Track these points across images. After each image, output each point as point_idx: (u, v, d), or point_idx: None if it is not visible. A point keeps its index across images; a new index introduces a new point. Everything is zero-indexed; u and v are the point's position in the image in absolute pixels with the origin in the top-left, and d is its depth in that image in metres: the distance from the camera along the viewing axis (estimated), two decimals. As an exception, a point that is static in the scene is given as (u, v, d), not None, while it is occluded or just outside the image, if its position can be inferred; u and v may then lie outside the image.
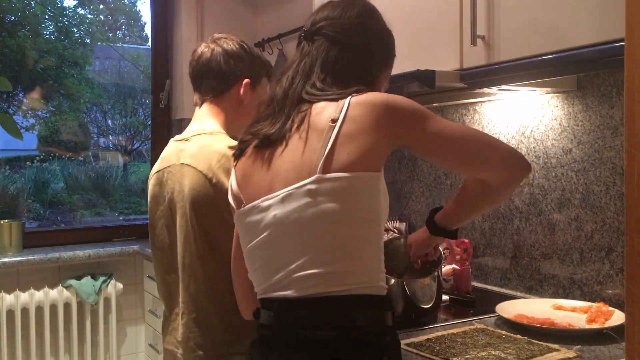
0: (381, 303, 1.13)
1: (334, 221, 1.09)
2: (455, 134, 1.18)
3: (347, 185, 1.08)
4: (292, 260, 1.10)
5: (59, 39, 3.99)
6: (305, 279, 1.09)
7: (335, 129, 1.11)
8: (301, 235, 1.10)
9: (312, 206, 1.09)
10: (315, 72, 1.21)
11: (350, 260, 1.09)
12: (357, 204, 1.10)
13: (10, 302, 2.70)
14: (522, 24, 1.52)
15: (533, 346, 1.40)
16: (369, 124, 1.11)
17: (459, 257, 1.96)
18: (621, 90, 1.66)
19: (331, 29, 1.23)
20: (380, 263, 1.15)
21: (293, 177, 1.12)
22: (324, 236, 1.09)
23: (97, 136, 4.43)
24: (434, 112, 1.19)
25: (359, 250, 1.11)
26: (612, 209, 1.69)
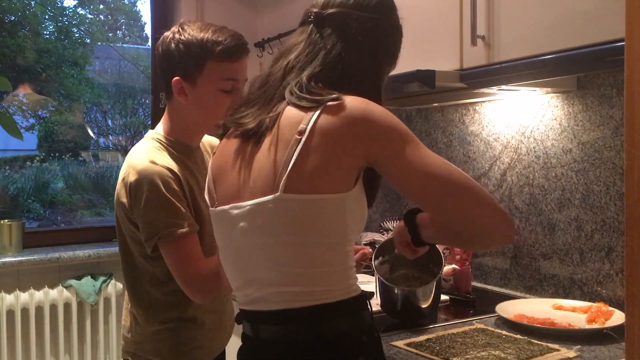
0: (354, 305, 1.10)
1: (295, 245, 1.05)
2: (438, 171, 1.03)
3: (308, 208, 1.04)
4: (261, 277, 1.09)
5: (59, 39, 3.99)
6: (274, 295, 1.08)
7: (300, 143, 1.03)
8: (266, 255, 1.07)
9: (273, 227, 1.06)
10: (312, 66, 1.11)
11: (315, 281, 1.06)
12: (317, 229, 1.05)
13: (10, 302, 2.70)
14: (522, 24, 1.52)
15: (533, 346, 1.40)
16: (338, 137, 1.03)
17: (459, 257, 1.96)
18: (621, 90, 1.66)
19: (343, 20, 1.14)
20: (348, 274, 1.10)
21: (259, 187, 1.08)
22: (287, 259, 1.06)
23: (97, 136, 4.43)
24: (435, 112, 1.18)
25: (324, 272, 1.07)
26: (612, 209, 1.69)
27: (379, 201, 2.60)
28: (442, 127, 2.27)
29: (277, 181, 1.04)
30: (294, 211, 1.04)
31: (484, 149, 2.10)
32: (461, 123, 2.19)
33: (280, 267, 1.07)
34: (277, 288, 1.07)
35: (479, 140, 2.12)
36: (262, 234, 1.07)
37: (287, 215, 1.04)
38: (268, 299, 1.09)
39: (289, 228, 1.05)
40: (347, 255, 1.09)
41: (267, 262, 1.08)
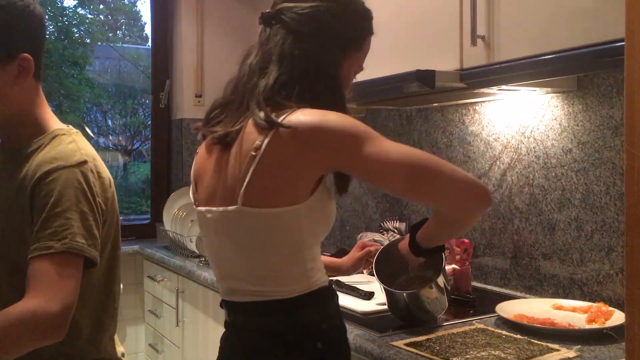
0: (316, 298, 1.19)
1: (257, 251, 1.16)
2: (400, 157, 1.08)
3: (264, 222, 1.12)
4: (234, 273, 1.21)
5: (59, 39, 3.99)
6: (244, 290, 1.20)
7: (255, 160, 1.10)
8: (236, 255, 1.19)
9: (237, 235, 1.16)
10: (271, 70, 1.15)
11: (278, 282, 1.17)
12: (274, 239, 1.14)
13: (10, 302, 2.69)
14: (522, 24, 1.52)
15: (533, 346, 1.40)
16: (289, 155, 1.09)
17: (459, 257, 1.96)
18: (621, 90, 1.66)
19: (289, 16, 1.18)
20: (309, 274, 1.18)
21: (225, 195, 1.17)
22: (252, 262, 1.17)
23: (97, 136, 4.43)
24: (435, 112, 1.18)
25: (285, 274, 1.17)
26: (612, 209, 1.69)
27: (379, 201, 2.60)
28: (442, 127, 2.27)
29: (237, 193, 1.13)
30: (251, 223, 1.13)
31: (484, 149, 2.10)
32: (461, 123, 2.19)
33: (248, 269, 1.19)
34: (247, 285, 1.19)
35: (479, 140, 2.12)
36: (230, 238, 1.18)
37: (246, 226, 1.14)
38: (241, 292, 1.20)
39: (248, 238, 1.15)
40: (307, 259, 1.18)
41: (237, 261, 1.19)
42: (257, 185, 1.11)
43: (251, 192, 1.11)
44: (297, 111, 1.10)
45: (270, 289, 1.17)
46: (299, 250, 1.16)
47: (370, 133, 1.10)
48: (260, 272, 1.17)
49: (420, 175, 1.09)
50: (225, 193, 1.16)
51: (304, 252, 1.17)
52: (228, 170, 1.16)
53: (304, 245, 1.16)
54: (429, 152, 1.17)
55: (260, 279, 1.18)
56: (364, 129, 1.10)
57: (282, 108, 1.11)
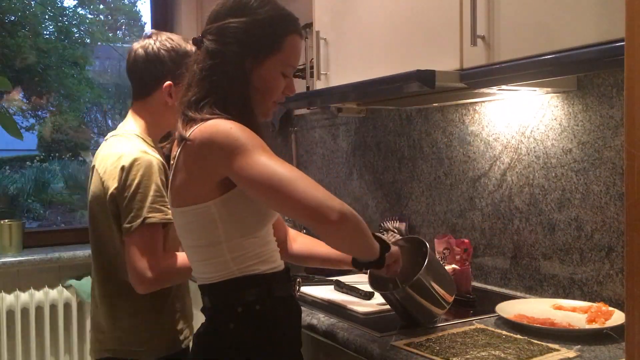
0: (237, 284, 1.31)
1: (193, 246, 1.34)
2: (260, 173, 1.19)
3: (184, 218, 1.31)
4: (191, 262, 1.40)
5: (59, 39, 3.99)
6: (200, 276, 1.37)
7: (173, 165, 1.32)
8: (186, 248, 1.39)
9: (179, 233, 1.38)
10: (191, 88, 1.32)
11: (205, 269, 1.33)
12: (196, 234, 1.31)
13: (10, 302, 2.70)
14: (522, 24, 1.52)
15: (533, 346, 1.40)
16: (189, 163, 1.27)
17: (459, 257, 1.96)
18: (621, 90, 1.66)
19: (207, 37, 1.33)
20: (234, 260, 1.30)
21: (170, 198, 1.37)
22: (194, 254, 1.36)
23: (97, 136, 4.43)
24: (435, 112, 1.18)
25: (208, 263, 1.32)
26: (612, 209, 1.69)
27: (379, 201, 2.60)
28: (442, 127, 2.27)
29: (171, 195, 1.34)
30: (179, 221, 1.34)
31: (484, 149, 2.10)
32: (461, 123, 2.19)
33: (190, 258, 1.38)
34: (195, 272, 1.38)
35: (479, 140, 2.12)
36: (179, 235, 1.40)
37: (179, 224, 1.35)
38: (198, 277, 1.38)
39: (183, 234, 1.35)
40: (226, 250, 1.29)
41: (189, 253, 1.39)
42: (175, 187, 1.31)
43: (173, 194, 1.32)
44: (200, 125, 1.25)
45: (203, 275, 1.34)
46: (217, 242, 1.29)
47: (249, 146, 1.21)
48: (195, 259, 1.35)
49: (273, 192, 1.19)
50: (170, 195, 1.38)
51: (222, 244, 1.29)
52: None
53: (222, 237, 1.28)
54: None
55: (197, 266, 1.35)
56: (245, 142, 1.21)
57: (192, 122, 1.27)
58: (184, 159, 1.28)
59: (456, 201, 2.21)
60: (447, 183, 2.26)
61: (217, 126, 1.24)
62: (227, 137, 1.22)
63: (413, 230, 2.41)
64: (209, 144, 1.23)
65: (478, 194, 2.12)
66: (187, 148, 1.26)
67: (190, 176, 1.27)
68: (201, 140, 1.24)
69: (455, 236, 2.10)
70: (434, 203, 2.31)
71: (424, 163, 2.37)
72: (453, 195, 2.23)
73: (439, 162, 2.29)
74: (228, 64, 1.30)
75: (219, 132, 1.23)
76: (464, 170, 2.18)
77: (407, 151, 2.44)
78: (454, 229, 2.22)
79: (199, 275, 1.37)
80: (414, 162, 2.41)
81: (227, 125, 1.24)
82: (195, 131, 1.25)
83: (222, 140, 1.22)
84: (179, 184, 1.30)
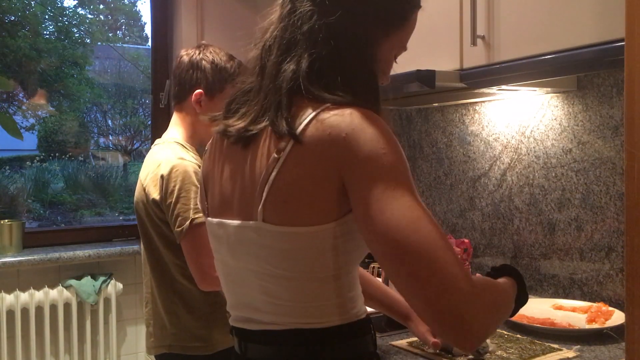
0: (352, 331, 0.98)
1: (281, 277, 0.94)
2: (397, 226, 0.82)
3: (289, 242, 0.91)
4: (250, 302, 1.00)
5: (59, 39, 3.99)
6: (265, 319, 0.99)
7: (278, 163, 0.90)
8: (254, 281, 0.98)
9: (257, 256, 0.95)
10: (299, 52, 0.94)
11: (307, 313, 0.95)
12: (302, 263, 0.93)
13: (10, 302, 2.70)
14: (522, 24, 1.52)
15: (535, 345, 1.40)
16: (317, 159, 0.88)
17: (459, 257, 1.96)
18: (621, 90, 1.66)
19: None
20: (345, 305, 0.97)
21: (243, 206, 0.96)
22: (274, 289, 0.95)
23: (97, 136, 4.43)
24: (435, 112, 1.17)
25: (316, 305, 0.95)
26: (612, 209, 1.69)
27: (379, 201, 2.60)
28: (442, 127, 2.27)
29: (256, 206, 0.92)
30: (274, 243, 0.92)
31: (484, 149, 2.10)
32: (461, 123, 2.19)
33: (269, 297, 0.96)
34: (268, 316, 0.97)
35: (479, 140, 2.12)
36: (248, 260, 0.97)
37: (269, 246, 0.93)
38: (258, 320, 0.99)
39: (271, 260, 0.94)
40: (343, 287, 0.96)
41: (255, 288, 0.98)
42: (279, 197, 0.90)
43: (272, 205, 0.91)
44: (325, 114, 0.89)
45: (296, 320, 0.96)
46: (334, 277, 0.94)
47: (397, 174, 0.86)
48: (285, 301, 0.95)
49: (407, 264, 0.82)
50: (243, 204, 0.96)
51: (341, 280, 0.95)
52: (247, 175, 0.96)
53: (339, 272, 0.95)
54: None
55: (285, 310, 0.96)
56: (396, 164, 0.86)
57: (316, 103, 0.91)
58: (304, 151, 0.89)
59: (456, 201, 2.21)
60: (447, 183, 2.26)
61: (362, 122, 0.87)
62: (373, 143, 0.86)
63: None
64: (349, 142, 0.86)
65: (478, 194, 2.12)
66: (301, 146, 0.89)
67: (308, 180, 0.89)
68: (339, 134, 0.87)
69: (455, 236, 2.10)
70: (434, 203, 2.31)
71: (424, 163, 2.37)
72: (453, 195, 2.23)
73: (439, 162, 2.29)
74: (358, 26, 0.95)
75: (363, 132, 0.87)
76: (464, 170, 2.18)
77: (407, 151, 2.44)
78: (454, 229, 2.22)
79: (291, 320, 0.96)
80: (414, 162, 2.41)
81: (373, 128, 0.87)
82: (315, 124, 0.89)
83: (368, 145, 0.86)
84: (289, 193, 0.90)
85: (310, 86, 0.92)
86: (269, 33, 1.00)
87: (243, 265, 0.99)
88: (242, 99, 1.01)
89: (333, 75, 0.93)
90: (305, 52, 0.94)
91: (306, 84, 0.92)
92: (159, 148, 1.70)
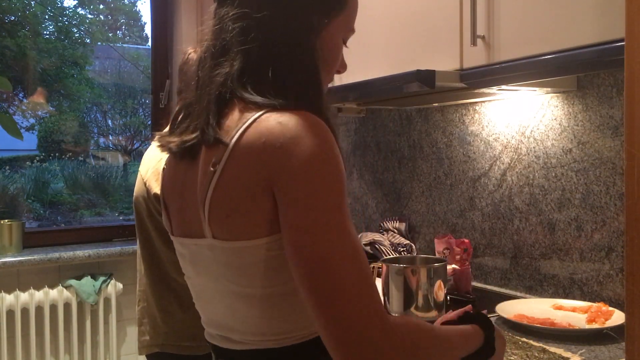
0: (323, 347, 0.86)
1: (244, 294, 0.89)
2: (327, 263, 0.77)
3: (240, 258, 0.86)
4: (220, 321, 0.96)
5: (59, 39, 3.99)
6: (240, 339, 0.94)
7: (214, 177, 0.85)
8: (219, 300, 0.93)
9: (216, 274, 0.91)
10: (231, 56, 0.90)
11: (281, 326, 0.90)
12: (257, 279, 0.87)
13: (10, 302, 2.70)
14: (522, 24, 1.52)
15: (546, 354, 1.37)
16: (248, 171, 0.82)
17: (459, 257, 1.96)
18: (621, 90, 1.66)
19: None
20: None
21: (194, 224, 0.91)
22: (239, 307, 0.90)
23: (97, 136, 4.43)
24: (435, 112, 1.16)
25: (286, 319, 0.90)
26: (612, 209, 1.69)
27: (379, 201, 2.60)
28: (442, 127, 2.27)
29: (203, 223, 0.88)
30: (228, 259, 0.87)
31: (484, 149, 2.10)
32: (461, 123, 2.19)
33: (236, 314, 0.92)
34: (243, 335, 0.92)
35: (479, 140, 2.12)
36: (209, 279, 0.93)
37: (224, 263, 0.88)
38: (231, 339, 0.94)
39: (230, 277, 0.89)
40: None
41: (222, 307, 0.93)
42: (219, 212, 0.85)
43: (215, 221, 0.86)
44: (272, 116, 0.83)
45: (267, 338, 0.90)
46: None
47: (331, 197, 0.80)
48: (252, 320, 0.90)
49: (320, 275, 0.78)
50: (194, 221, 0.91)
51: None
52: (193, 190, 0.91)
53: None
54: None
55: (254, 328, 0.91)
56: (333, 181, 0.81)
57: (252, 107, 0.86)
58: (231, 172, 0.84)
59: (456, 201, 2.21)
60: (447, 183, 2.26)
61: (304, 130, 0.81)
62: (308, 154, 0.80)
63: (413, 230, 2.41)
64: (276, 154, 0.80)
65: (478, 194, 2.12)
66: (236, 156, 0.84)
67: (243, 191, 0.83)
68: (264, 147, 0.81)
69: (455, 236, 2.10)
70: (434, 203, 2.31)
71: (424, 163, 2.37)
72: (453, 195, 2.23)
73: (439, 162, 2.29)
74: (291, 19, 0.90)
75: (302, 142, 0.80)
76: (464, 170, 2.18)
77: (407, 151, 2.44)
78: (454, 229, 2.22)
79: (269, 337, 0.90)
80: (414, 162, 2.41)
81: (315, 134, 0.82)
82: (251, 130, 0.83)
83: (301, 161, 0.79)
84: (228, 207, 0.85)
85: (241, 89, 0.88)
86: (203, 45, 0.96)
87: (207, 283, 0.95)
88: (184, 115, 0.97)
89: (266, 75, 0.87)
90: (237, 54, 0.89)
91: (237, 87, 0.88)
92: None
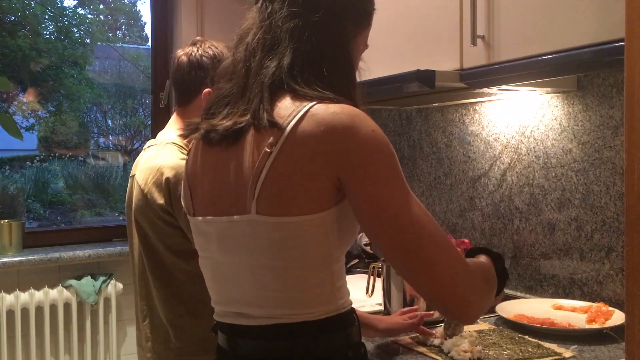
0: (342, 322, 1.02)
1: (276, 268, 0.97)
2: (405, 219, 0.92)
3: (283, 232, 0.94)
4: (242, 297, 1.02)
5: (59, 39, 3.99)
6: (254, 315, 1.00)
7: (271, 157, 0.93)
8: (246, 275, 1.00)
9: (250, 249, 0.98)
10: (282, 49, 0.99)
11: (302, 303, 0.98)
12: (296, 252, 0.95)
13: (10, 302, 2.70)
14: (522, 24, 1.52)
15: (540, 349, 1.39)
16: (307, 157, 0.92)
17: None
18: (621, 90, 1.66)
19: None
20: (336, 294, 1.01)
21: (233, 202, 0.99)
22: (267, 281, 0.98)
23: (97, 136, 4.44)
24: (435, 112, 1.17)
25: (310, 295, 0.98)
26: (612, 209, 1.69)
27: (379, 201, 2.60)
28: (442, 127, 2.27)
29: (249, 200, 0.95)
30: (269, 234, 0.95)
31: (484, 149, 2.10)
32: (461, 123, 2.19)
33: (261, 290, 0.98)
34: (260, 310, 0.99)
35: (479, 140, 2.12)
36: (239, 254, 1.00)
37: (263, 238, 0.95)
38: (249, 315, 1.01)
39: (266, 251, 0.96)
40: (334, 275, 1.00)
41: (247, 282, 1.00)
42: (273, 190, 0.93)
43: (266, 198, 0.93)
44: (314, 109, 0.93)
45: (290, 312, 0.98)
46: (327, 264, 0.98)
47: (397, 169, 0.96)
48: (279, 293, 0.97)
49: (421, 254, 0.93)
50: (232, 199, 0.98)
51: (332, 268, 0.99)
52: (235, 171, 0.98)
53: (331, 258, 0.98)
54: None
55: (279, 302, 0.98)
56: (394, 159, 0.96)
57: (301, 98, 0.95)
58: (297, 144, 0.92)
59: (456, 201, 2.22)
60: (447, 183, 2.26)
61: (358, 117, 0.93)
62: (371, 139, 0.93)
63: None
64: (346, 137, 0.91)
65: (478, 194, 2.12)
66: (293, 141, 0.92)
67: (302, 173, 0.92)
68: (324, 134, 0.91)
69: (455, 236, 2.10)
70: (434, 203, 2.31)
71: (424, 163, 2.37)
72: (453, 195, 2.23)
73: (439, 162, 2.29)
74: (336, 24, 1.01)
75: (362, 127, 0.93)
76: (464, 170, 2.18)
77: (407, 151, 2.44)
78: (454, 229, 2.22)
79: (283, 312, 0.98)
80: (414, 162, 2.41)
81: (368, 124, 0.94)
82: (307, 119, 0.92)
83: (367, 141, 0.92)
84: (283, 185, 0.93)
85: (292, 81, 0.97)
86: (250, 37, 1.04)
87: (234, 259, 1.01)
88: (222, 103, 1.04)
89: (315, 71, 0.98)
90: (288, 49, 0.98)
91: (288, 79, 0.97)
92: (154, 150, 1.60)
